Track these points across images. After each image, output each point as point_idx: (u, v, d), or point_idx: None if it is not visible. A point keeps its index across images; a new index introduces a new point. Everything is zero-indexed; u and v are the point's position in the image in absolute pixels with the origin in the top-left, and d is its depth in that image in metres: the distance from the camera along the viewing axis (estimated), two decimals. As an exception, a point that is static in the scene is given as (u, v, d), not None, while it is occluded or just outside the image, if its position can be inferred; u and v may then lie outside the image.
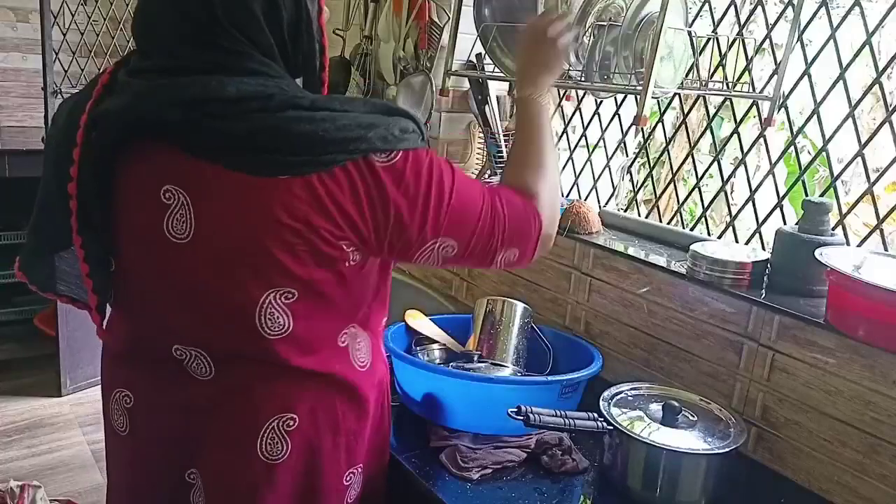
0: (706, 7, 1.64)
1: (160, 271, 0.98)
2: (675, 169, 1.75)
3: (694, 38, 1.44)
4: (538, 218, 1.07)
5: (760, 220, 1.56)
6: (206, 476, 1.05)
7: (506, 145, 1.97)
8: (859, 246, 1.38)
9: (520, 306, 1.51)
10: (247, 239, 0.93)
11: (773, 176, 1.54)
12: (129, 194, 0.97)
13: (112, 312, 1.08)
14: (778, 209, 1.52)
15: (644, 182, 1.89)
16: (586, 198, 1.93)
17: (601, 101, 1.85)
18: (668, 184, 1.80)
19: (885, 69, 1.35)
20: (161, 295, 1.00)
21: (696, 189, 1.73)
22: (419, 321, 1.56)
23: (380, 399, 1.13)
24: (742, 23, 1.59)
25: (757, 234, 1.56)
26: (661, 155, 1.82)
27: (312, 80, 1.01)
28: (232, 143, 0.90)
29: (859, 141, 1.39)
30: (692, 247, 1.43)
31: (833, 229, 1.34)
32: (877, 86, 1.38)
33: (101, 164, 0.94)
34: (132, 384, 1.08)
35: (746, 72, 1.53)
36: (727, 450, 1.16)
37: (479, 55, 1.90)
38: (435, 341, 1.55)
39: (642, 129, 1.76)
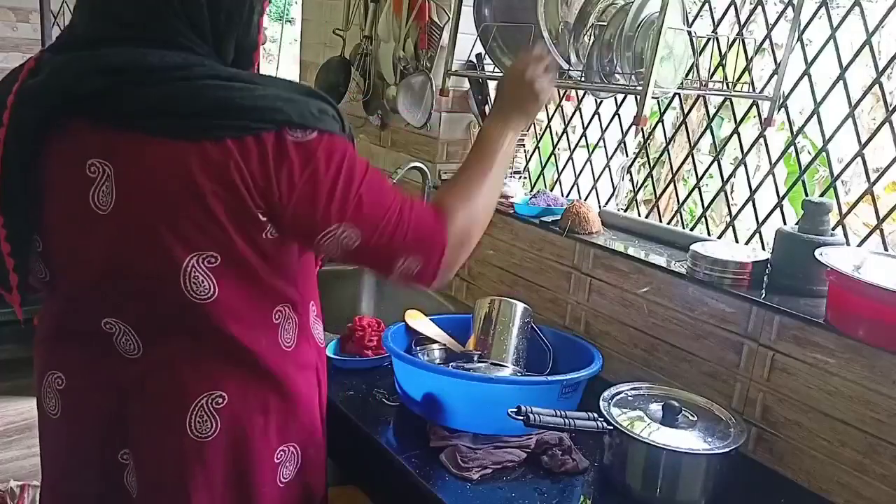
0: (706, 7, 1.64)
1: (86, 245, 0.99)
2: (675, 169, 1.75)
3: (694, 38, 1.44)
4: (443, 237, 1.04)
5: (760, 220, 1.56)
6: (137, 456, 1.06)
7: (506, 145, 1.97)
8: (859, 246, 1.38)
9: (520, 306, 1.51)
10: (167, 203, 0.94)
11: (773, 176, 1.54)
12: (56, 171, 0.98)
13: (43, 294, 1.09)
14: (778, 209, 1.52)
15: (644, 182, 1.89)
16: (586, 198, 1.93)
17: (601, 101, 1.85)
18: (668, 184, 1.80)
19: (885, 69, 1.35)
20: (88, 269, 1.00)
21: (696, 189, 1.73)
22: (419, 321, 1.56)
23: (309, 381, 1.14)
24: (742, 23, 1.59)
25: (757, 234, 1.56)
26: (661, 155, 1.82)
27: (244, 57, 1.03)
28: (151, 109, 0.92)
29: (859, 141, 1.39)
30: (692, 247, 1.43)
31: (833, 229, 1.34)
32: (877, 86, 1.39)
33: (26, 142, 0.95)
34: (64, 365, 1.09)
35: (746, 72, 1.53)
36: (727, 450, 1.16)
37: (479, 55, 1.90)
38: (435, 341, 1.55)
39: (642, 129, 1.75)
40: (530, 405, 1.17)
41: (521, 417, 1.16)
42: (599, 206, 1.87)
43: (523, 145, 2.04)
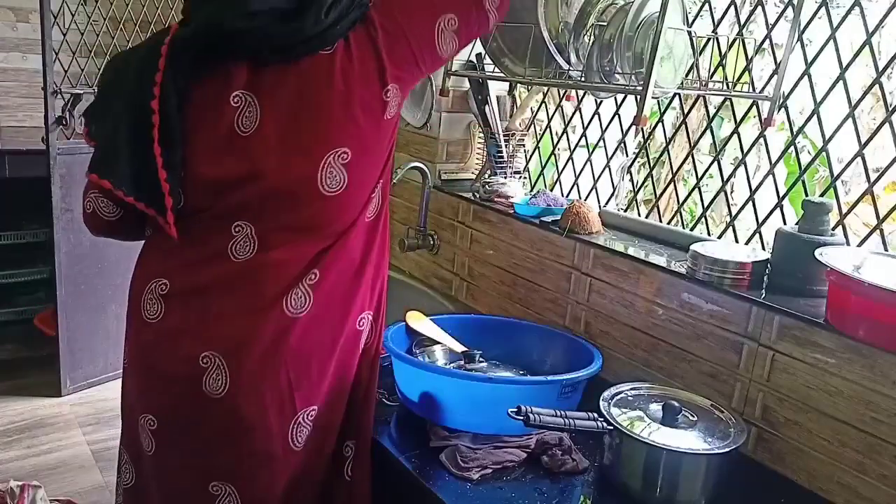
0: (706, 7, 1.64)
1: (231, 163, 1.13)
2: (675, 169, 1.75)
3: (694, 38, 1.44)
4: None
5: (760, 220, 1.56)
6: (228, 352, 1.16)
7: (506, 145, 1.97)
8: (859, 246, 1.38)
9: None
10: (309, 112, 1.12)
11: (773, 176, 1.54)
12: (201, 107, 1.13)
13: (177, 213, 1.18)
14: (778, 209, 1.52)
15: (644, 182, 1.89)
16: (586, 198, 1.93)
17: (601, 101, 1.85)
18: (668, 184, 1.80)
19: (885, 69, 1.35)
20: (227, 185, 1.14)
21: (696, 189, 1.73)
22: (420, 322, 1.55)
23: (379, 250, 1.28)
24: (742, 23, 1.59)
25: (757, 234, 1.56)
26: (661, 155, 1.82)
27: None
28: (284, 42, 1.11)
29: (859, 141, 1.39)
30: (692, 247, 1.43)
31: (833, 229, 1.34)
32: (877, 86, 1.39)
33: (180, 82, 1.11)
34: (170, 272, 1.20)
35: (746, 72, 1.53)
36: (727, 450, 1.16)
37: (479, 55, 1.90)
38: (436, 342, 1.55)
39: (642, 129, 1.76)
40: (530, 405, 1.17)
41: (521, 417, 1.16)
42: (599, 206, 1.87)
43: (523, 145, 2.04)
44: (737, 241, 1.60)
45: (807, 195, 1.48)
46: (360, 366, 1.27)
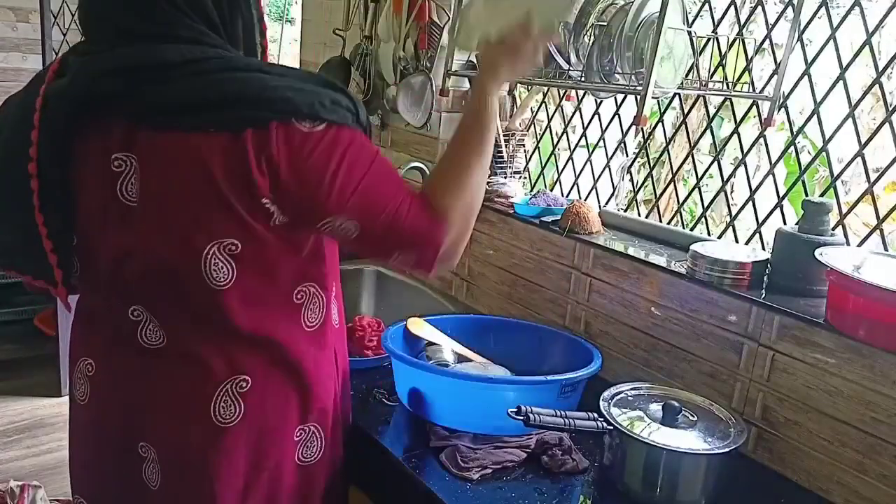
0: (706, 7, 1.64)
1: (117, 235, 1.03)
2: (675, 169, 1.75)
3: (694, 38, 1.44)
4: (438, 238, 1.07)
5: (760, 220, 1.56)
6: (159, 446, 1.09)
7: (506, 145, 1.97)
8: (859, 246, 1.38)
9: None
10: (187, 194, 0.98)
11: (773, 176, 1.54)
12: (85, 168, 1.02)
13: (77, 284, 1.11)
14: (778, 209, 1.52)
15: (644, 182, 1.88)
16: (586, 198, 1.93)
17: (601, 101, 1.85)
18: (668, 184, 1.80)
19: (885, 69, 1.35)
20: (117, 258, 1.04)
21: (696, 189, 1.73)
22: (420, 328, 1.55)
23: (329, 361, 1.17)
24: (742, 23, 1.59)
25: (757, 234, 1.56)
26: (661, 155, 1.82)
27: (252, 48, 1.06)
28: (165, 105, 0.96)
29: (859, 141, 1.38)
30: (692, 247, 1.43)
31: (833, 229, 1.34)
32: (877, 86, 1.38)
33: (56, 141, 0.99)
34: (94, 352, 1.13)
35: (746, 72, 1.53)
36: (727, 450, 1.16)
37: (479, 55, 1.90)
38: (446, 344, 1.55)
39: (642, 129, 1.76)
40: (529, 405, 1.17)
41: (521, 417, 1.16)
42: (599, 206, 1.87)
43: (523, 145, 2.03)
44: (737, 241, 1.60)
45: (807, 195, 1.48)
46: (297, 479, 1.16)
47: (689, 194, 1.78)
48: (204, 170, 0.96)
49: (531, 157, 2.10)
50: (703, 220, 1.67)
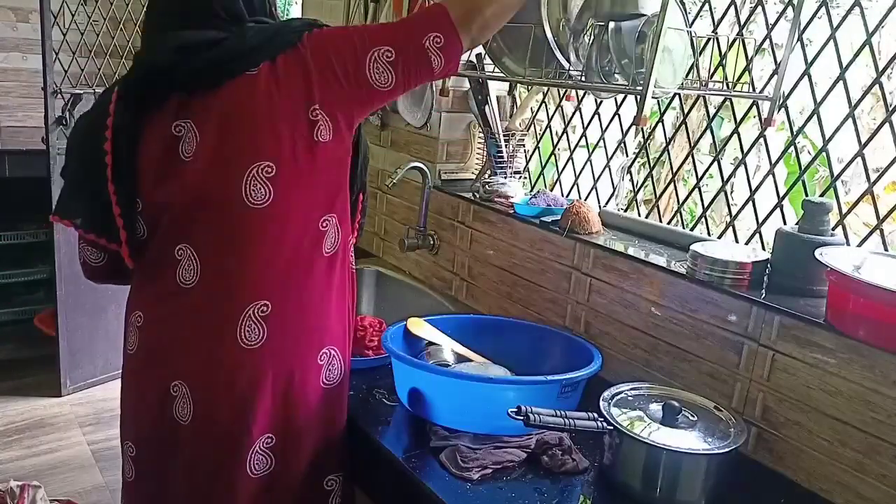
0: (706, 7, 1.64)
1: (175, 187, 1.18)
2: (675, 169, 1.75)
3: (694, 38, 1.44)
4: (441, 7, 1.23)
5: (760, 220, 1.56)
6: (191, 380, 1.21)
7: (506, 145, 1.97)
8: (859, 246, 1.38)
9: None
10: (234, 129, 1.16)
11: (773, 176, 1.54)
12: (152, 139, 1.18)
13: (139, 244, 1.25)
14: (778, 209, 1.52)
15: (644, 182, 1.89)
16: (586, 198, 1.93)
17: (601, 101, 1.85)
18: (668, 184, 1.80)
19: (885, 69, 1.35)
20: (175, 205, 1.19)
21: (696, 189, 1.73)
22: (420, 328, 1.55)
23: (343, 290, 1.29)
24: (742, 23, 1.59)
25: (757, 234, 1.56)
26: (661, 155, 1.82)
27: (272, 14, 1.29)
28: (209, 67, 1.15)
29: (859, 141, 1.39)
30: (692, 247, 1.43)
31: (833, 229, 1.34)
32: (877, 86, 1.39)
33: (129, 125, 1.17)
34: (144, 304, 1.27)
35: (746, 72, 1.53)
36: (727, 450, 1.16)
37: (479, 55, 1.90)
38: (448, 345, 1.54)
39: (642, 129, 1.76)
40: (529, 405, 1.17)
41: (521, 417, 1.16)
42: (599, 206, 1.87)
43: (523, 145, 2.04)
44: (737, 241, 1.60)
45: (807, 195, 1.48)
46: (322, 401, 1.28)
47: (689, 194, 1.78)
48: (250, 104, 1.15)
49: (531, 157, 2.10)
50: (703, 220, 1.67)
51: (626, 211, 1.86)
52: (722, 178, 1.68)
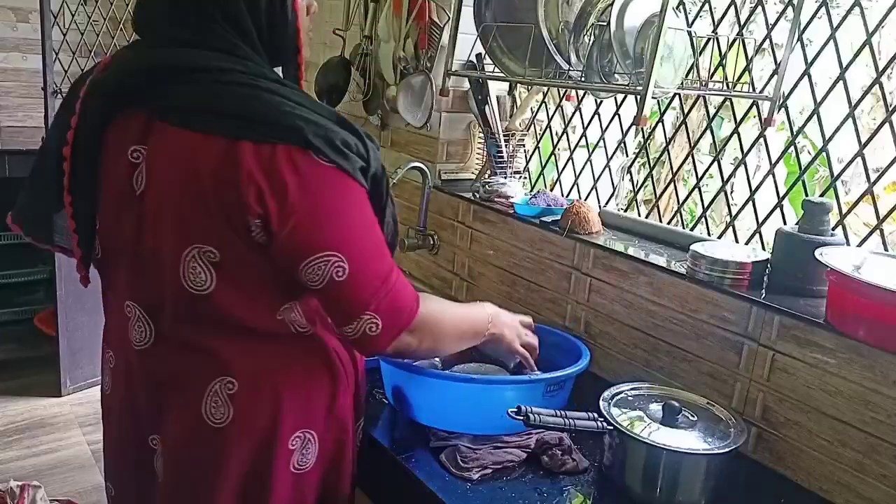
0: (706, 7, 1.64)
1: (124, 223, 1.06)
2: (675, 169, 1.75)
3: (694, 38, 1.44)
4: (413, 314, 1.07)
5: (760, 220, 1.56)
6: (164, 441, 1.12)
7: (506, 145, 1.97)
8: (859, 246, 1.38)
9: None
10: (176, 192, 1.00)
11: (773, 176, 1.54)
12: (111, 159, 1.06)
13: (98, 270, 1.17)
14: (778, 209, 1.52)
15: (644, 182, 1.89)
16: (586, 198, 1.93)
17: (601, 101, 1.85)
18: (668, 184, 1.80)
19: (885, 69, 1.35)
20: (122, 246, 1.08)
21: (696, 189, 1.73)
22: None
23: (321, 368, 1.14)
24: (742, 23, 1.59)
25: (757, 234, 1.56)
26: (661, 155, 1.82)
27: (287, 61, 1.07)
28: (179, 104, 0.99)
29: (859, 141, 1.39)
30: (692, 247, 1.43)
31: (833, 229, 1.34)
32: (877, 86, 1.38)
33: (89, 131, 1.05)
34: (113, 343, 1.17)
35: (746, 72, 1.53)
36: (727, 450, 1.16)
37: (479, 55, 1.90)
38: None
39: (642, 129, 1.76)
40: (517, 404, 1.18)
41: (521, 417, 1.16)
42: (599, 206, 1.87)
43: (523, 145, 2.04)
44: (737, 241, 1.60)
45: (807, 195, 1.48)
46: (288, 487, 1.13)
47: (689, 194, 1.78)
48: (198, 172, 0.96)
49: (531, 157, 2.10)
50: (703, 220, 1.67)
51: (626, 211, 1.86)
52: (722, 178, 1.68)
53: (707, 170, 1.73)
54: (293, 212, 0.95)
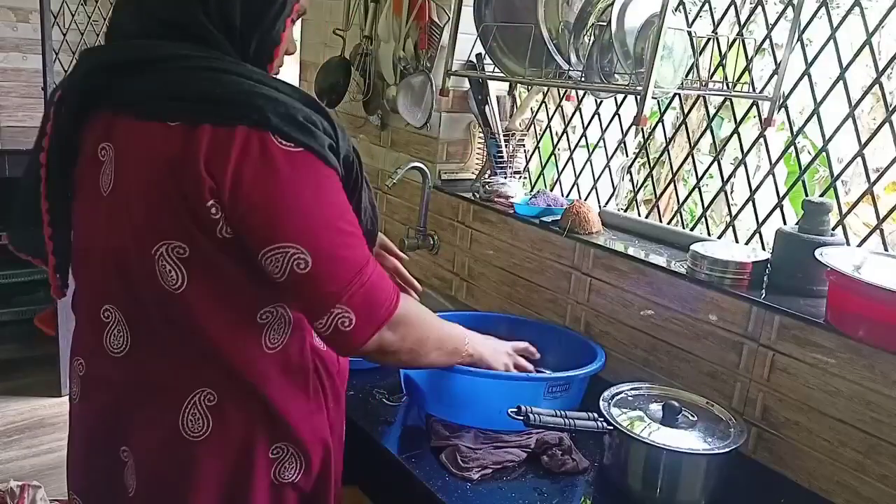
0: (706, 7, 1.64)
1: (94, 226, 1.03)
2: (675, 169, 1.75)
3: (694, 38, 1.44)
4: (392, 309, 1.01)
5: (760, 220, 1.56)
6: (136, 454, 1.06)
7: (506, 145, 1.97)
8: (859, 246, 1.38)
9: None
10: (142, 186, 0.95)
11: (773, 176, 1.54)
12: (83, 159, 1.03)
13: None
14: (778, 209, 1.52)
15: (644, 182, 1.89)
16: (586, 198, 1.93)
17: (601, 101, 1.85)
18: (668, 184, 1.80)
19: (885, 69, 1.35)
20: (93, 250, 1.04)
21: (696, 189, 1.73)
22: None
23: (297, 384, 1.08)
24: (742, 23, 1.59)
25: (757, 234, 1.56)
26: (661, 155, 1.82)
27: (259, 64, 1.00)
28: (138, 95, 0.96)
29: (859, 141, 1.39)
30: (692, 247, 1.43)
31: (833, 229, 1.34)
32: (877, 86, 1.38)
33: (60, 134, 1.02)
34: (84, 352, 1.11)
35: (746, 72, 1.53)
36: (727, 450, 1.16)
37: (479, 55, 1.90)
38: None
39: (642, 129, 1.76)
40: (517, 403, 1.18)
41: (521, 417, 1.16)
42: (599, 206, 1.87)
43: (523, 145, 2.04)
44: (737, 241, 1.60)
45: (807, 195, 1.48)
46: (267, 500, 1.08)
47: (689, 194, 1.78)
48: (157, 161, 0.93)
49: (531, 157, 2.10)
50: (703, 220, 1.67)
51: (626, 211, 1.86)
52: (722, 178, 1.68)
53: (707, 170, 1.73)
54: (244, 200, 0.91)
